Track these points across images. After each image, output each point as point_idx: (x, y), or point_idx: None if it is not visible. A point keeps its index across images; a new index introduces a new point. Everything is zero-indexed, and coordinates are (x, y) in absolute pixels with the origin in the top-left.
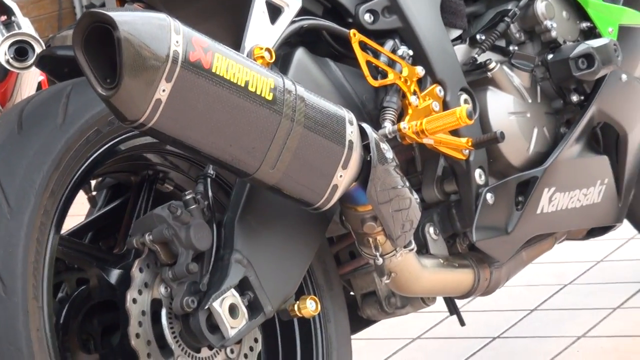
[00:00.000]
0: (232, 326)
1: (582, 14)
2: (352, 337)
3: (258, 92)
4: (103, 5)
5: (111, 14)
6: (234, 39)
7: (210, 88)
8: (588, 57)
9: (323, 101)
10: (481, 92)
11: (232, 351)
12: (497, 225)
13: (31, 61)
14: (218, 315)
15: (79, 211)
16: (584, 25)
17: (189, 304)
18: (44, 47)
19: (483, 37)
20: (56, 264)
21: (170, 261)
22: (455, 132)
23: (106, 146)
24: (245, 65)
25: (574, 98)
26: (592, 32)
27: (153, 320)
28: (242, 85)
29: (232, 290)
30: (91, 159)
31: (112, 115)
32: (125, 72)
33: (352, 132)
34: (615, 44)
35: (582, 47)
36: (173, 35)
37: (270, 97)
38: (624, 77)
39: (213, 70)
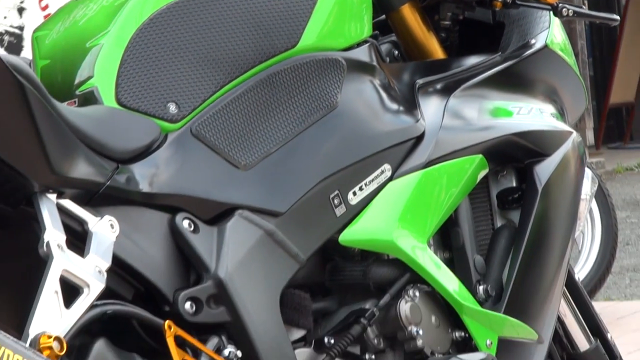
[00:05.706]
0: None
1: (455, 320)
2: None
3: None
4: None
5: None
6: (19, 321)
7: None
8: None
9: None
10: None
11: None
12: None
13: None
14: None
15: None
16: (458, 334)
17: None
18: None
19: (332, 341)
20: None
21: None
22: None
23: None
24: (25, 358)
25: None
26: (466, 344)
27: None
28: None
29: None
30: None
31: None
32: None
33: None
34: None
35: None
36: None
37: None
38: None
39: None
